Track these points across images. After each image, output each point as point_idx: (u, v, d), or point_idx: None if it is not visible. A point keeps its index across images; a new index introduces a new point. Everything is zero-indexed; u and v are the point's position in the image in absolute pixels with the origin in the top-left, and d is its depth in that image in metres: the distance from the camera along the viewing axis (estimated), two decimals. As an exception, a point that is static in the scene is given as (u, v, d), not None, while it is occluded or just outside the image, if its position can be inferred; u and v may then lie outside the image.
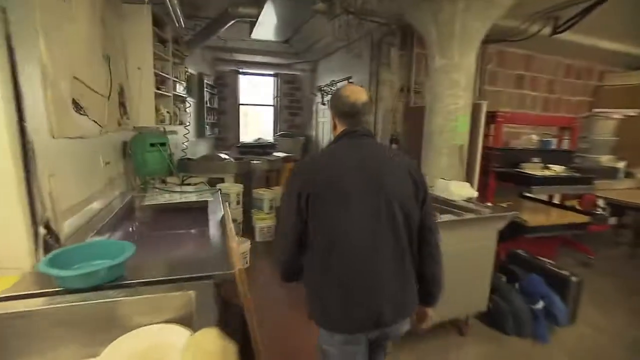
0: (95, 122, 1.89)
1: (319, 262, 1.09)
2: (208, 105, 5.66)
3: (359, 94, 1.16)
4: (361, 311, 1.07)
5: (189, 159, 4.26)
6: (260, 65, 6.37)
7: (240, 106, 6.81)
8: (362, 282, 1.06)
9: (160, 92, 3.21)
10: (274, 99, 7.02)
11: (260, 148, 5.63)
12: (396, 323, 1.12)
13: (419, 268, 1.17)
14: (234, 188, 3.95)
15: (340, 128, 1.18)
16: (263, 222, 4.14)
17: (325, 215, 1.05)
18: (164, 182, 3.27)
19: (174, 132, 4.05)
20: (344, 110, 1.16)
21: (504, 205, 2.89)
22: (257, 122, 7.17)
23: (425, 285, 1.20)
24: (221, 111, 6.53)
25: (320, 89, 5.70)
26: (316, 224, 1.07)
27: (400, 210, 1.07)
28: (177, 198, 2.61)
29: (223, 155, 4.35)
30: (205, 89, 5.35)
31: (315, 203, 1.05)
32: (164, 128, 3.82)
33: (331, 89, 5.30)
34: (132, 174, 2.80)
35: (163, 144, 2.74)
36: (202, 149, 5.58)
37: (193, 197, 2.65)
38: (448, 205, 2.12)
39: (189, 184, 3.55)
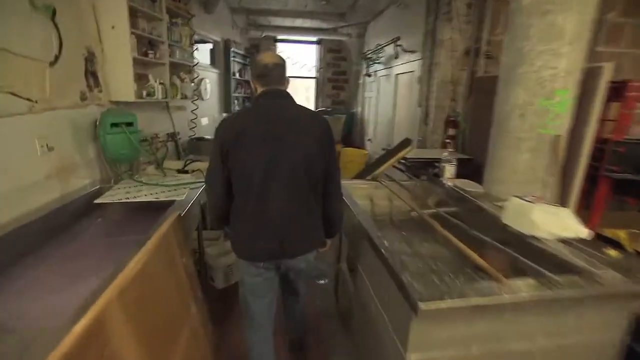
0: (15, 95, 1.35)
1: (235, 203, 1.33)
2: (237, 77, 5.05)
3: (270, 58, 1.35)
4: (263, 243, 1.29)
5: (199, 138, 3.70)
6: (301, 30, 5.52)
7: (278, 79, 6.11)
8: (263, 218, 1.27)
9: (148, 58, 2.60)
10: (316, 70, 6.16)
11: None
12: (297, 256, 1.34)
13: (324, 207, 1.40)
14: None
15: (259, 90, 1.35)
16: None
17: (236, 162, 1.26)
18: (158, 167, 2.74)
19: (180, 108, 3.49)
20: (257, 73, 1.34)
21: (623, 235, 1.80)
22: (296, 97, 6.42)
23: (327, 220, 1.44)
24: (256, 84, 5.91)
25: (365, 57, 4.71)
26: (232, 170, 1.28)
27: (302, 160, 1.25)
28: (142, 195, 2.02)
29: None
30: (232, 58, 4.72)
31: (229, 153, 1.25)
32: (167, 103, 3.28)
33: (378, 56, 4.29)
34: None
35: (130, 124, 2.14)
36: (229, 126, 5.04)
37: (165, 194, 2.04)
38: (528, 253, 1.13)
39: (186, 172, 2.98)
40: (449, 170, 2.21)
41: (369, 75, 4.83)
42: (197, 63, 3.36)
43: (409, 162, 2.45)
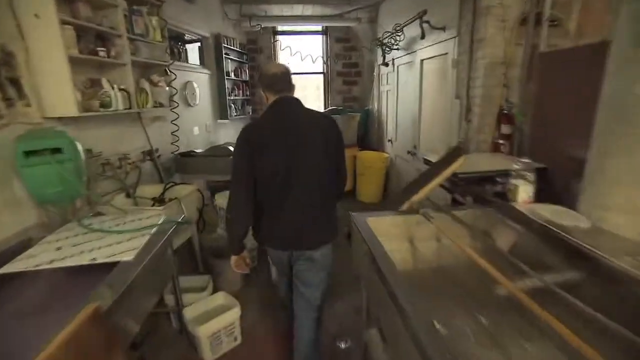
0: None
1: (260, 201, 1.44)
2: (233, 77, 4.40)
3: (277, 67, 1.47)
4: (283, 236, 1.48)
5: (186, 154, 3.08)
6: (303, 19, 4.83)
7: (281, 76, 5.44)
8: (284, 216, 1.44)
9: (99, 57, 1.98)
10: (323, 64, 5.46)
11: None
12: (313, 248, 1.48)
13: (335, 195, 1.58)
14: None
15: (271, 99, 1.45)
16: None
17: (260, 167, 1.37)
18: (130, 195, 2.12)
19: (158, 119, 2.86)
20: (267, 83, 1.44)
21: None
22: (303, 96, 5.74)
23: (337, 197, 1.62)
24: (255, 84, 5.25)
25: (379, 43, 3.98)
26: (257, 171, 1.38)
27: (318, 163, 1.41)
28: (77, 253, 1.40)
29: (231, 148, 3.06)
30: (225, 56, 4.08)
31: (255, 159, 1.36)
32: (139, 115, 2.66)
33: (396, 40, 3.56)
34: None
35: (56, 150, 1.51)
36: (226, 134, 4.40)
37: (111, 249, 1.42)
38: None
39: (162, 200, 2.35)
40: (525, 190, 1.49)
41: (386, 65, 4.09)
42: (172, 62, 2.71)
43: (459, 177, 1.73)
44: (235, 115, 4.46)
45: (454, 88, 2.59)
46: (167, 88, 2.59)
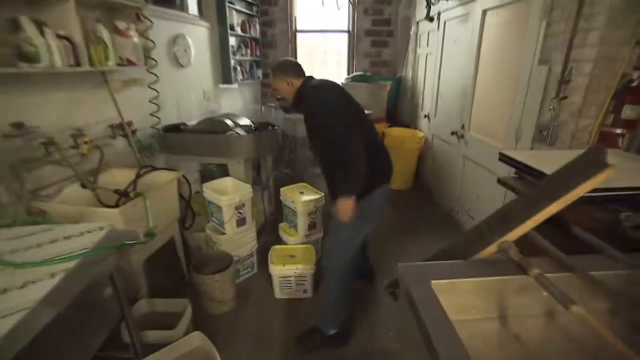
0: None
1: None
2: (240, 32, 3.65)
3: (290, 59, 1.74)
4: (388, 167, 1.69)
5: (174, 128, 2.44)
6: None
7: (297, 34, 4.60)
8: (375, 153, 1.60)
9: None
10: (348, 20, 4.58)
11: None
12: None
13: None
14: (234, 194, 2.03)
15: (297, 84, 1.62)
16: (293, 263, 2.02)
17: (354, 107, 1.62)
18: (87, 185, 1.56)
19: (135, 83, 2.21)
20: (293, 69, 1.63)
21: None
22: (323, 61, 4.92)
23: None
24: (267, 43, 4.46)
25: (424, -11, 3.10)
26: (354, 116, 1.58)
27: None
28: None
29: (229, 122, 2.39)
30: (229, 5, 3.31)
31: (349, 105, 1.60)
32: (104, 75, 2.00)
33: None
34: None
35: None
36: (231, 103, 3.72)
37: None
38: None
39: (127, 194, 1.75)
40: None
41: (430, 19, 3.23)
42: (147, 3, 2.01)
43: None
44: (242, 80, 3.75)
45: (539, 49, 1.80)
46: (138, 40, 1.91)
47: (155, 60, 2.15)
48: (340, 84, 1.65)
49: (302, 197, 2.24)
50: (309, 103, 1.57)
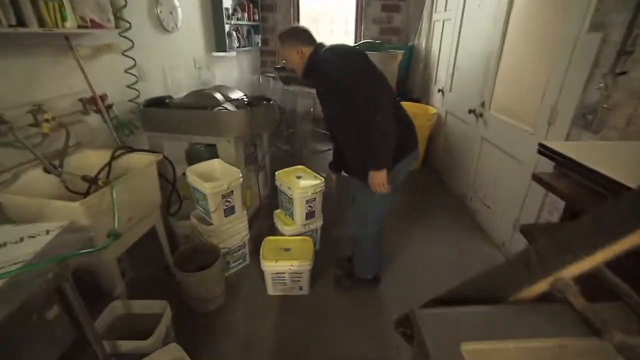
0: None
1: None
2: (235, -7, 3.26)
3: (297, 25, 1.55)
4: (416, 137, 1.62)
5: (157, 101, 2.18)
6: None
7: (301, -3, 4.17)
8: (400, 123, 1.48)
9: None
10: (358, -20, 4.12)
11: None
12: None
13: None
14: (221, 181, 1.79)
15: (307, 52, 1.47)
16: (288, 259, 1.79)
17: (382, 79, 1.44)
18: (51, 170, 1.34)
19: (109, 50, 1.92)
20: (305, 37, 1.48)
21: None
22: (328, 26, 4.50)
23: None
24: (267, 6, 4.05)
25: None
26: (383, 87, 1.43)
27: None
28: None
29: (219, 96, 2.10)
30: (222, -41, 2.91)
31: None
32: (68, 40, 1.71)
33: None
34: None
35: None
36: (226, 74, 3.40)
37: None
38: None
39: (95, 182, 1.52)
40: None
41: (451, -22, 2.82)
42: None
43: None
44: (239, 47, 3.41)
45: (592, 10, 1.47)
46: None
47: (129, 22, 1.84)
48: None
49: (299, 183, 2.00)
50: (326, 70, 1.42)
